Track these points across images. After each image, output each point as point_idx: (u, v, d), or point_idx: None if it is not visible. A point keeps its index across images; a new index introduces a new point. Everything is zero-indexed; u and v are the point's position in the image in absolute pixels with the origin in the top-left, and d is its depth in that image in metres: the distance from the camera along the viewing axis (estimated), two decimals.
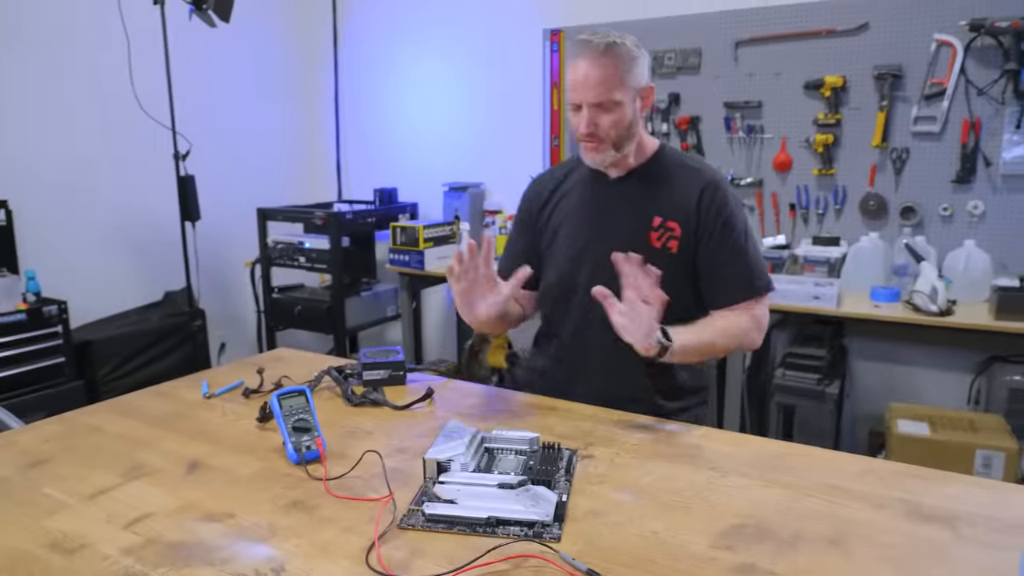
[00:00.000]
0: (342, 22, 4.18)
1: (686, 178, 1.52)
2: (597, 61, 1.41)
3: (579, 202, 1.59)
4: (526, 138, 3.68)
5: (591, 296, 1.37)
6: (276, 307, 3.76)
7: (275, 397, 1.26)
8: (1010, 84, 2.63)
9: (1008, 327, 2.33)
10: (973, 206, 2.76)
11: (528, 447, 1.18)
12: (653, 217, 1.50)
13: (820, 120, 2.96)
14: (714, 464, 1.19)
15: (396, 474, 1.15)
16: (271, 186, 4.13)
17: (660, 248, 1.49)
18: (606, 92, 1.42)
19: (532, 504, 1.00)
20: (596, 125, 1.45)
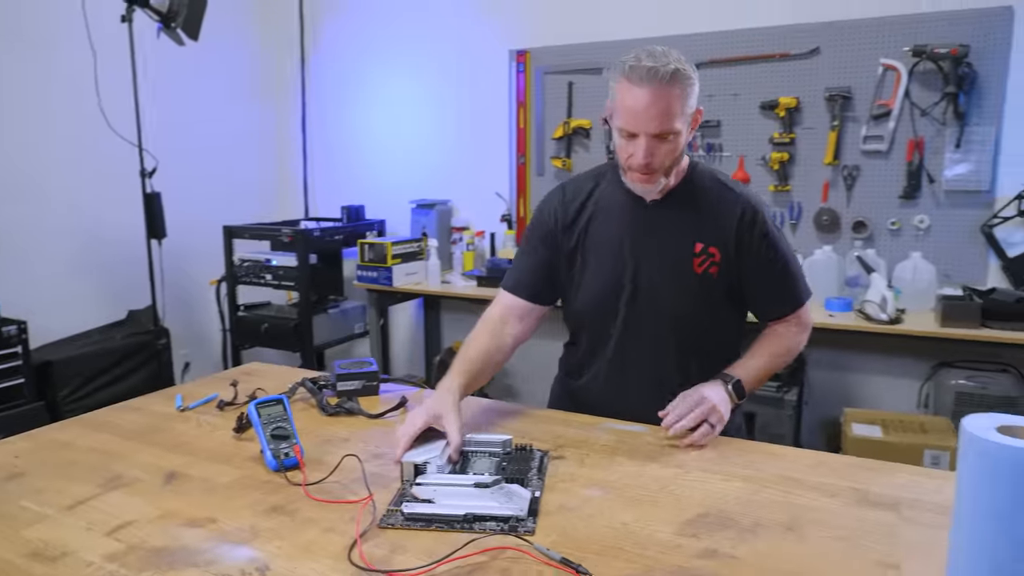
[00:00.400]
0: (309, 41, 4.22)
1: (723, 200, 1.48)
2: (661, 90, 1.31)
3: (616, 226, 1.51)
4: (492, 156, 3.75)
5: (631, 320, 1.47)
6: (242, 325, 3.74)
7: (253, 406, 1.29)
8: (950, 106, 2.78)
9: (953, 334, 2.46)
10: (919, 220, 2.90)
11: (501, 449, 1.23)
12: (695, 243, 1.46)
13: (775, 139, 3.09)
14: (679, 462, 1.25)
15: (374, 478, 1.18)
16: (237, 204, 4.12)
17: (702, 274, 1.47)
18: (668, 123, 1.34)
19: (507, 500, 1.05)
20: (653, 155, 1.37)
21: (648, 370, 1.51)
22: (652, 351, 1.51)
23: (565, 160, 3.54)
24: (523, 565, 0.93)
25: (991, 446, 0.66)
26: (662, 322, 1.49)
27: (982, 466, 0.67)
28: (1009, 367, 2.72)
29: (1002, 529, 0.66)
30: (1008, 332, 2.42)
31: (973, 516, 0.68)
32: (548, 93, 3.59)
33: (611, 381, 1.55)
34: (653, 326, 1.50)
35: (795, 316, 1.53)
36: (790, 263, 1.51)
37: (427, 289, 3.44)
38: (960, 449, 0.71)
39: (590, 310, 1.55)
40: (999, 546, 0.66)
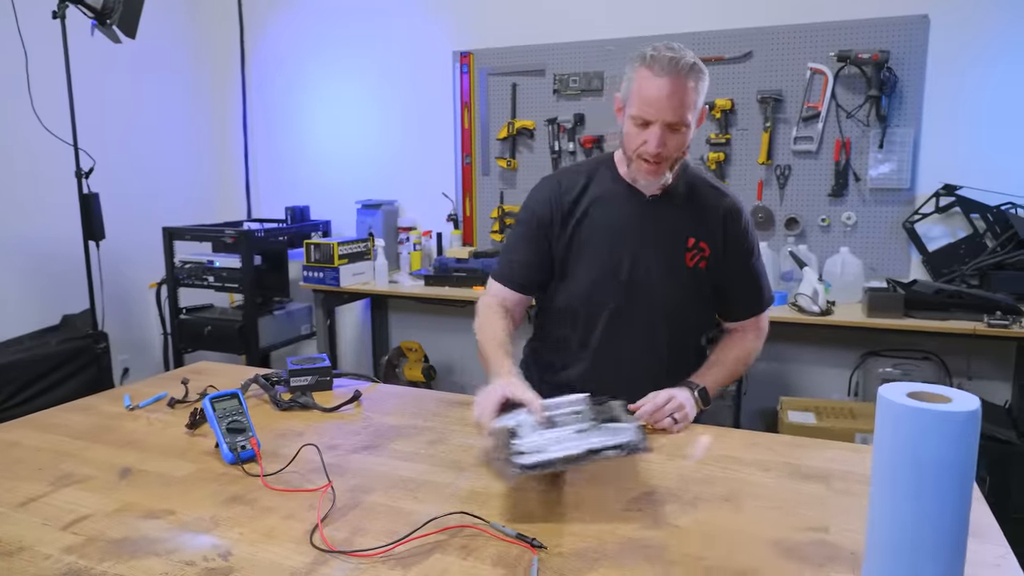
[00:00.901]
0: (250, 39, 4.17)
1: (711, 199, 1.54)
2: (681, 81, 1.36)
3: (613, 218, 1.54)
4: (438, 156, 3.78)
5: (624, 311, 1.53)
6: (184, 328, 3.68)
7: (208, 400, 1.30)
8: (873, 109, 2.95)
9: (878, 324, 2.61)
10: (847, 217, 3.06)
11: (583, 405, 1.20)
12: (688, 238, 1.52)
13: (712, 139, 3.21)
14: None
15: (332, 468, 1.21)
16: (177, 205, 4.04)
17: (692, 268, 1.53)
18: (684, 114, 1.38)
19: (614, 434, 1.09)
20: (665, 146, 1.40)
21: (635, 361, 1.56)
22: (642, 343, 1.57)
23: (510, 160, 3.60)
24: (480, 541, 0.98)
25: (902, 408, 0.74)
26: (654, 314, 1.55)
27: (895, 427, 0.75)
28: (931, 355, 2.90)
29: (912, 482, 0.74)
30: (928, 321, 2.57)
31: (887, 472, 0.76)
32: (492, 94, 3.65)
33: (597, 372, 1.57)
34: (645, 317, 1.55)
35: (757, 320, 1.62)
36: (760, 266, 1.61)
37: (375, 289, 3.44)
38: (877, 414, 0.79)
39: (582, 301, 1.57)
40: (911, 498, 0.74)
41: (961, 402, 0.74)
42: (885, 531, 0.77)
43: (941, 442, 0.72)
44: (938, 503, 0.73)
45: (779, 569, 0.91)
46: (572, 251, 1.57)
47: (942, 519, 0.74)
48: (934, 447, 0.72)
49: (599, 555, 0.94)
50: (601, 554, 0.95)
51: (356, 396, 1.56)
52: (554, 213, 1.56)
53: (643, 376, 1.52)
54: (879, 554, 0.77)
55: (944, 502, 0.73)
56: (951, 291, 2.60)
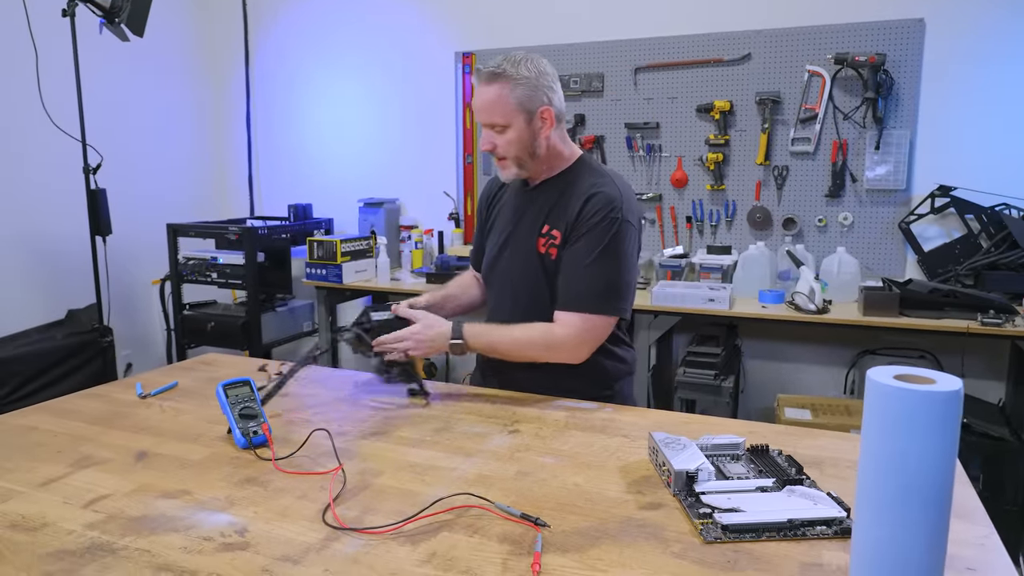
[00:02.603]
0: (254, 40, 4.22)
1: (582, 188, 1.55)
2: (484, 87, 1.54)
3: (505, 204, 1.74)
4: (440, 155, 3.83)
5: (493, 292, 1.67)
6: (187, 324, 3.72)
7: (220, 387, 1.34)
8: (870, 111, 3.00)
9: (874, 322, 2.65)
10: (843, 217, 3.11)
11: (740, 451, 1.21)
12: (543, 225, 1.59)
13: (711, 140, 3.26)
14: (625, 432, 1.36)
15: (343, 452, 1.25)
16: (181, 202, 4.09)
17: (544, 254, 1.58)
18: (491, 115, 1.54)
19: (810, 501, 1.04)
20: (493, 144, 1.57)
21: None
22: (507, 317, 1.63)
23: None
24: (486, 520, 1.02)
25: (888, 389, 0.78)
26: (510, 299, 1.66)
27: (881, 407, 0.79)
28: (926, 353, 2.95)
29: (897, 459, 0.78)
30: (923, 320, 2.62)
31: (874, 450, 0.80)
32: None
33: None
34: (504, 302, 1.68)
35: (569, 320, 1.50)
36: (606, 267, 1.49)
37: (377, 286, 3.49)
38: (866, 396, 0.83)
39: (483, 276, 1.80)
40: (894, 475, 0.78)
41: (944, 383, 0.78)
42: (871, 509, 0.81)
43: (924, 420, 0.76)
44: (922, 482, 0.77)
45: (777, 544, 0.96)
46: (488, 232, 1.78)
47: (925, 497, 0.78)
48: (918, 426, 0.76)
49: (600, 533, 0.99)
50: (602, 532, 0.99)
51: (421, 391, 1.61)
52: (483, 202, 1.82)
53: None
54: (865, 528, 0.82)
55: (927, 476, 0.77)
56: (946, 290, 2.64)
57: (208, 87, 4.28)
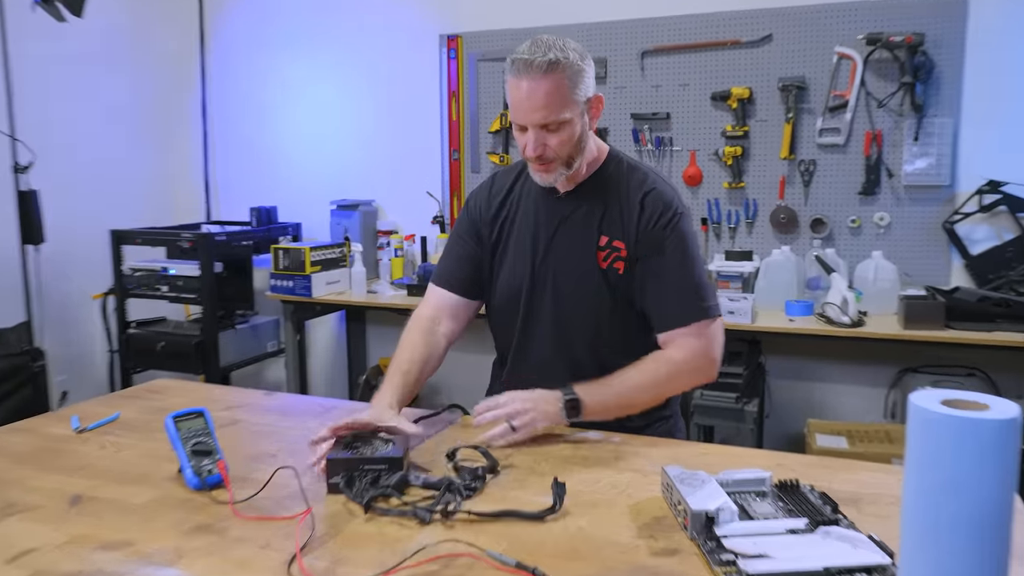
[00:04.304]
0: (210, 23, 4.22)
1: (633, 189, 1.58)
2: (540, 81, 1.46)
3: (527, 217, 1.65)
4: (423, 152, 3.83)
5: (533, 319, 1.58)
6: (133, 345, 3.70)
7: (170, 419, 1.32)
8: (907, 97, 3.01)
9: (916, 336, 2.65)
10: (879, 218, 3.12)
11: (766, 487, 1.20)
12: (600, 236, 1.58)
13: (728, 132, 3.27)
14: (635, 466, 1.35)
15: (311, 493, 1.23)
16: (126, 206, 4.06)
17: (607, 269, 1.57)
18: (552, 113, 1.47)
19: (848, 545, 1.02)
20: (545, 147, 1.50)
21: (549, 381, 1.54)
22: (554, 359, 1.61)
23: (503, 155, 3.64)
24: (477, 571, 1.00)
25: (934, 416, 0.77)
26: (566, 325, 1.60)
27: (927, 437, 0.78)
28: (976, 370, 2.95)
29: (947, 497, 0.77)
30: (972, 333, 2.62)
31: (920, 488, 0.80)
32: (483, 82, 3.70)
33: (514, 384, 1.62)
34: (556, 329, 1.61)
35: (689, 335, 1.53)
36: (692, 268, 1.55)
37: (351, 300, 3.48)
38: (908, 424, 0.82)
39: (500, 309, 1.70)
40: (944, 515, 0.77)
41: (1000, 409, 0.77)
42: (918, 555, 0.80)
43: (977, 452, 0.75)
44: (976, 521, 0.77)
45: None
46: (497, 252, 1.70)
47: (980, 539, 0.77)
48: (969, 458, 0.76)
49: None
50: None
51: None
52: (482, 214, 1.71)
53: (561, 380, 1.51)
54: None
55: (982, 519, 0.76)
56: (997, 299, 2.65)
57: (158, 75, 4.27)
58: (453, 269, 1.73)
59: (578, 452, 1.42)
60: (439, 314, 1.70)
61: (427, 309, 1.71)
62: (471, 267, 1.71)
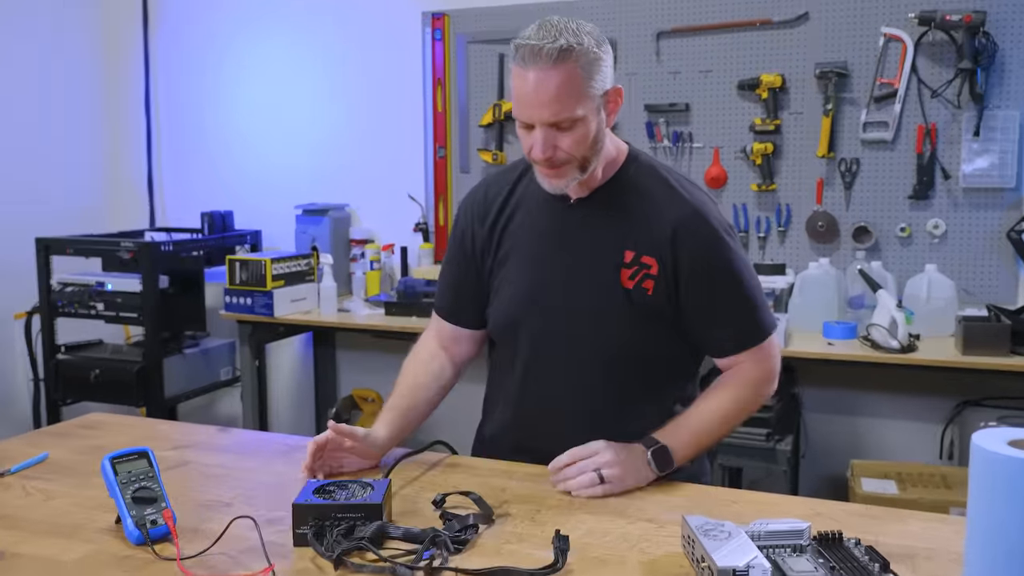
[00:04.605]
0: (155, 2, 4.24)
1: (662, 200, 1.57)
2: (550, 72, 1.43)
3: (532, 228, 1.64)
4: (403, 148, 3.84)
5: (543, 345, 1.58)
6: (63, 372, 3.68)
7: (107, 460, 1.32)
8: (966, 86, 3.03)
9: (977, 363, 2.66)
10: (933, 225, 3.14)
11: (804, 540, 1.19)
12: (624, 251, 1.56)
13: (757, 126, 3.29)
14: (650, 515, 1.35)
15: (272, 546, 1.23)
16: (56, 210, 4.06)
17: (634, 289, 1.56)
18: (564, 109, 1.45)
19: None
20: (555, 148, 1.48)
21: (563, 412, 1.58)
22: (568, 388, 1.60)
23: (496, 152, 3.66)
24: None
25: (1001, 459, 0.78)
26: (584, 349, 1.59)
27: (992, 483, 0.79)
28: None
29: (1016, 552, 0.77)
30: None
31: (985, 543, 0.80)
32: (473, 67, 3.71)
33: (518, 424, 1.66)
34: (572, 354, 1.60)
35: (752, 356, 1.59)
36: (746, 285, 1.58)
37: (319, 320, 3.47)
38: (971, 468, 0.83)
39: (500, 330, 1.69)
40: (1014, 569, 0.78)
41: None
42: None
43: None
44: None
45: None
46: (497, 266, 1.69)
47: None
48: None
49: None
50: None
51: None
52: (474, 224, 1.71)
53: (575, 431, 1.52)
54: None
55: None
56: None
57: (93, 60, 4.28)
58: (449, 296, 1.76)
59: (581, 498, 1.42)
60: (444, 339, 1.76)
61: (430, 336, 1.77)
62: (467, 292, 1.72)
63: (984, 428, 0.84)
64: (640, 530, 1.30)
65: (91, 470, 1.50)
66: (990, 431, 0.83)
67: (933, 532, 1.28)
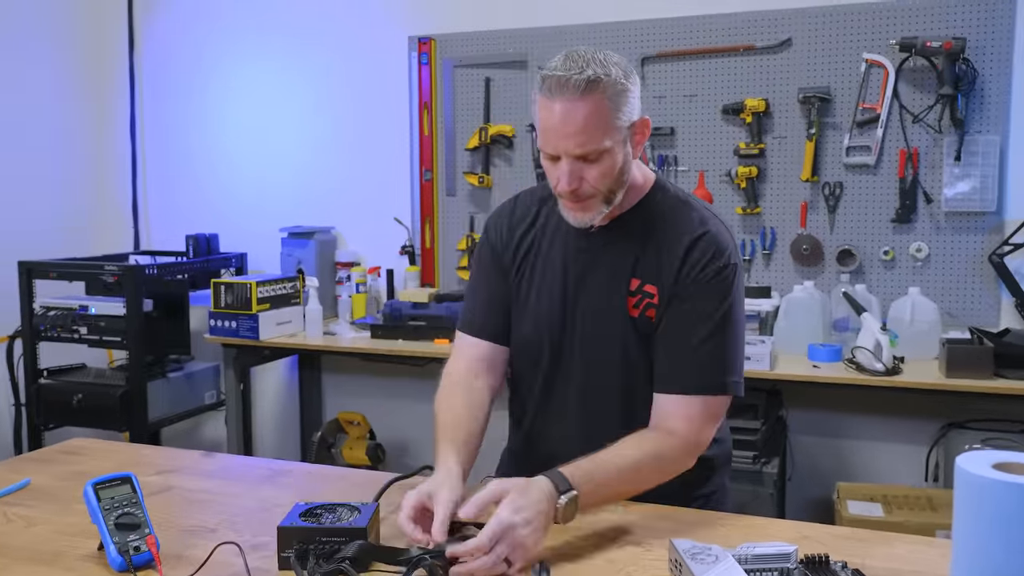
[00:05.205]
0: (142, 19, 4.24)
1: (682, 228, 1.56)
2: (578, 103, 1.42)
3: (553, 253, 1.64)
4: (389, 172, 3.85)
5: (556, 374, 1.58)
6: (45, 397, 3.65)
7: (90, 486, 1.31)
8: (946, 111, 3.07)
9: (961, 386, 2.67)
10: (916, 249, 3.16)
11: (791, 563, 1.19)
12: (631, 280, 1.57)
13: (742, 150, 3.32)
14: (637, 539, 1.35)
15: (256, 573, 1.22)
16: (39, 232, 4.03)
17: (639, 317, 1.56)
18: (591, 141, 1.44)
19: None
20: (581, 180, 1.47)
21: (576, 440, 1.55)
22: (582, 417, 1.61)
23: (482, 175, 3.67)
24: None
25: (985, 482, 0.78)
26: (596, 379, 1.60)
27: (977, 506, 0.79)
28: None
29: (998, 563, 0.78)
30: None
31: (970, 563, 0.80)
32: (460, 92, 3.73)
33: (534, 451, 1.67)
34: (584, 383, 1.61)
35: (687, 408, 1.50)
36: (728, 333, 1.52)
37: (305, 343, 3.46)
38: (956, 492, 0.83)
39: (521, 355, 1.69)
40: None
41: None
42: None
43: None
44: None
45: None
46: (517, 290, 1.69)
47: None
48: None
49: None
50: None
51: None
52: (504, 244, 1.70)
53: (588, 445, 1.46)
54: None
55: None
56: None
57: (78, 81, 4.27)
58: (484, 312, 1.70)
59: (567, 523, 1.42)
60: (475, 366, 1.67)
61: (462, 363, 1.68)
62: (502, 308, 1.69)
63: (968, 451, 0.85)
64: (627, 554, 1.30)
65: (73, 496, 1.49)
66: (974, 454, 0.84)
67: (919, 555, 1.29)
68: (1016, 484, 0.78)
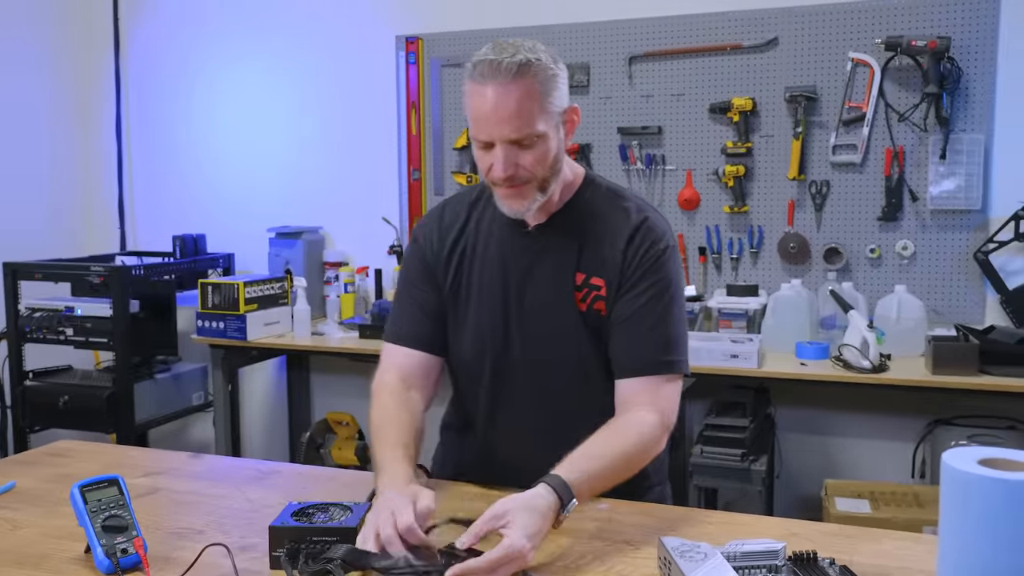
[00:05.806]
0: (127, 20, 4.22)
1: (618, 220, 1.58)
2: (509, 87, 1.42)
3: (491, 255, 1.63)
4: (377, 171, 3.84)
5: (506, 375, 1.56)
6: (30, 399, 3.64)
7: (77, 488, 1.30)
8: (932, 109, 3.08)
9: (947, 382, 2.69)
10: (902, 247, 3.18)
11: (779, 560, 1.19)
12: (576, 274, 1.57)
13: (729, 149, 3.33)
14: (626, 536, 1.35)
15: (244, 574, 1.22)
16: (24, 233, 4.01)
17: (587, 311, 1.57)
18: (526, 124, 1.44)
19: None
20: (516, 166, 1.46)
21: (533, 430, 1.58)
22: (535, 418, 1.61)
23: (470, 175, 3.67)
24: None
25: (971, 478, 0.79)
26: (546, 378, 1.60)
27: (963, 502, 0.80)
28: (1018, 422, 2.98)
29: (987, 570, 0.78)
30: (1011, 379, 2.66)
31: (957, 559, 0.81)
32: (448, 91, 3.73)
33: (486, 448, 1.67)
34: (535, 382, 1.61)
35: (649, 388, 1.53)
36: (671, 314, 1.55)
37: (293, 343, 3.45)
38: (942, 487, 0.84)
39: (464, 366, 1.67)
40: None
41: None
42: None
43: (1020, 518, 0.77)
44: None
45: None
46: (455, 298, 1.66)
47: None
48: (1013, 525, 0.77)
49: None
50: None
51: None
52: (435, 251, 1.67)
53: (543, 451, 1.42)
54: None
55: None
56: None
57: (63, 82, 4.25)
58: (415, 322, 1.66)
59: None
60: (408, 377, 1.64)
61: (392, 374, 1.64)
62: (431, 318, 1.66)
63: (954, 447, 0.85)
64: (615, 552, 1.30)
65: (60, 498, 1.48)
66: (960, 450, 0.84)
67: (907, 551, 1.30)
68: (1002, 480, 0.78)
